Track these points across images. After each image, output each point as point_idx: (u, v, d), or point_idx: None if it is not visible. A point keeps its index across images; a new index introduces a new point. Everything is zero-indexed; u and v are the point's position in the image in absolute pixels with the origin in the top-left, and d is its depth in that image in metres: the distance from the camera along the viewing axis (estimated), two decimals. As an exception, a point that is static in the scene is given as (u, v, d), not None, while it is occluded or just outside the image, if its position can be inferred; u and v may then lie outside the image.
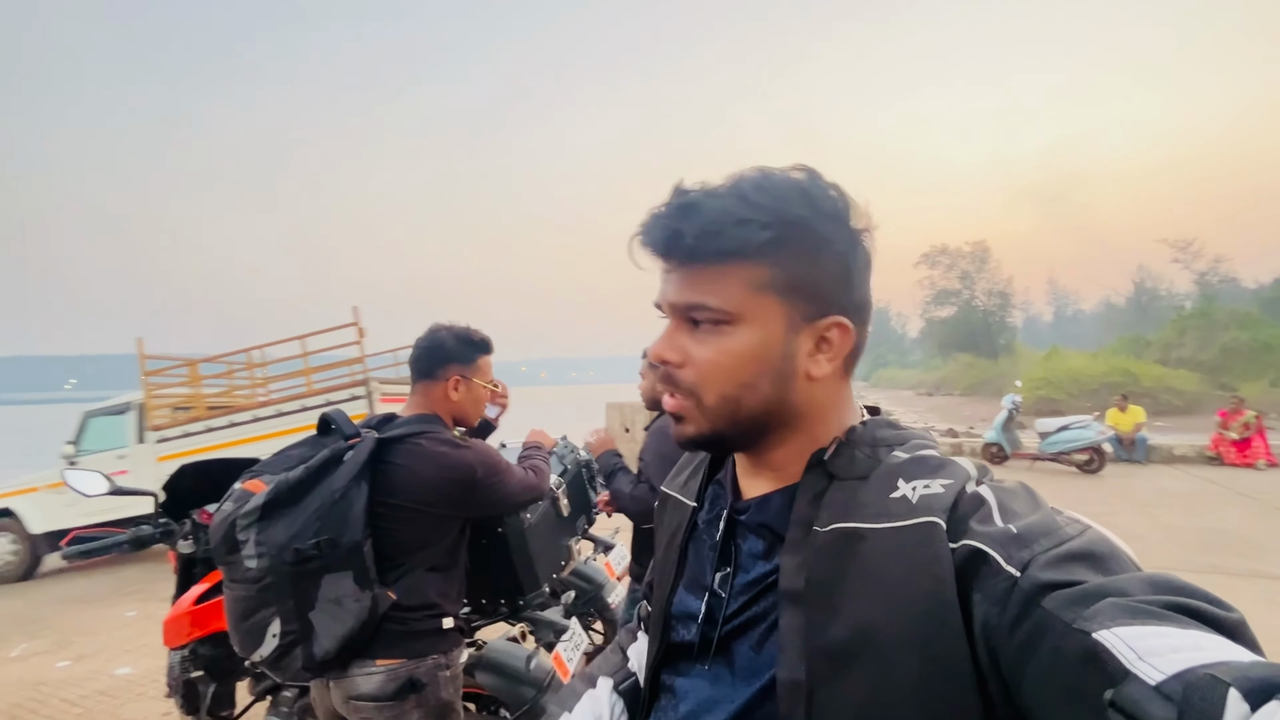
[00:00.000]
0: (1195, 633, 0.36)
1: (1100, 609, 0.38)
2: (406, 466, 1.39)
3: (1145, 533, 5.72)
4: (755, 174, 0.56)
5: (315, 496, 1.32)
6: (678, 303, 0.56)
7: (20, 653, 4.11)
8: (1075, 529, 0.46)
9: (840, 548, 0.51)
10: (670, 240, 0.55)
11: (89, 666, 3.81)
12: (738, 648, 0.57)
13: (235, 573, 1.32)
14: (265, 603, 1.31)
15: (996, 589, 0.43)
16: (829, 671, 0.48)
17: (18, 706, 3.31)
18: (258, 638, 1.32)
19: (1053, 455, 9.09)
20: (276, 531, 1.29)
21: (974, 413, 26.73)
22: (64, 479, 2.10)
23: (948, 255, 45.90)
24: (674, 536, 0.70)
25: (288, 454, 1.44)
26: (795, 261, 0.54)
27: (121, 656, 3.90)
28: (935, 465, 0.53)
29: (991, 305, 44.71)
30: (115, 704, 3.27)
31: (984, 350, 42.90)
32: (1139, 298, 46.37)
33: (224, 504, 1.35)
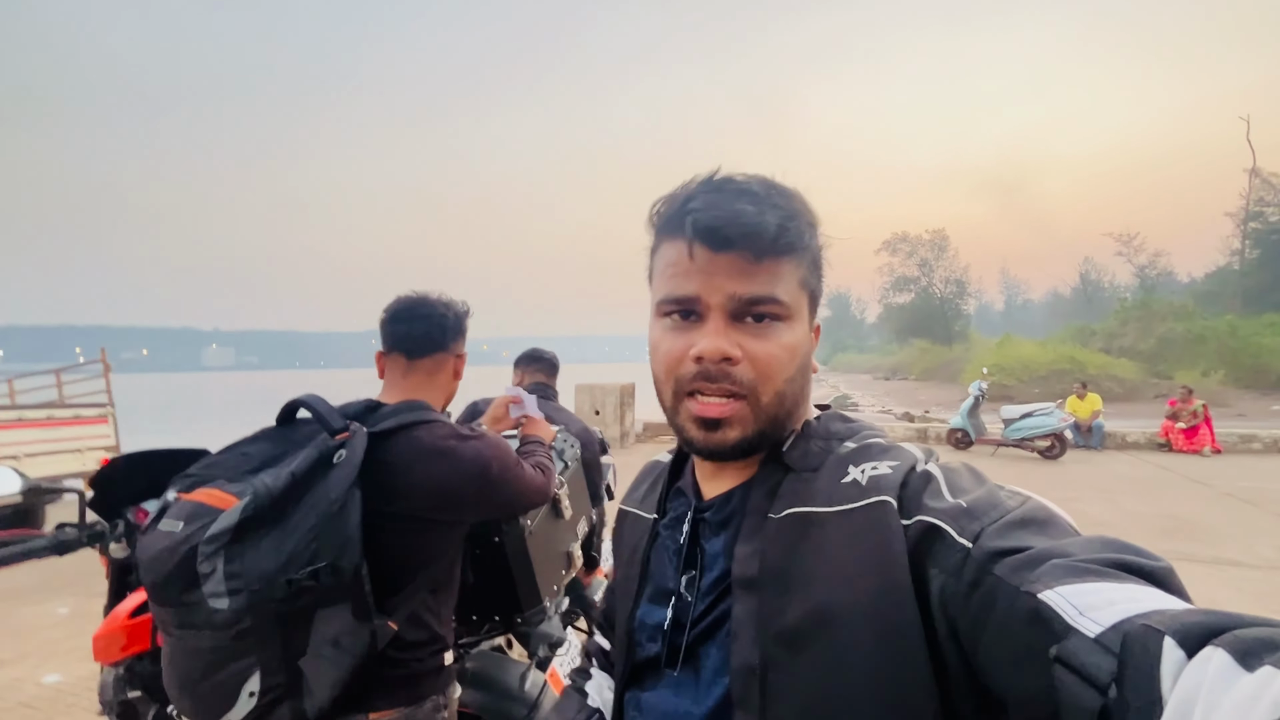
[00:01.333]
0: (1131, 586, 0.37)
1: (1044, 570, 0.40)
2: (406, 465, 1.12)
3: (1110, 519, 5.87)
4: (773, 180, 0.58)
5: (306, 510, 1.01)
6: (745, 295, 0.54)
7: (-70, 658, 3.70)
8: (1017, 500, 0.48)
9: (794, 533, 0.52)
10: (766, 230, 0.53)
11: (12, 673, 3.44)
12: (705, 652, 0.57)
13: (193, 616, 0.97)
14: (240, 653, 0.98)
15: (951, 560, 0.45)
16: (784, 655, 0.49)
17: (-75, 723, 2.95)
18: (228, 699, 0.99)
19: (1016, 441, 9.31)
20: (259, 559, 0.97)
21: (930, 397, 27.58)
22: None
23: (908, 243, 46.98)
24: (635, 551, 0.69)
25: (242, 452, 1.12)
26: (815, 264, 0.59)
27: (50, 661, 3.54)
28: (882, 449, 0.56)
29: (948, 293, 46.00)
30: (42, 717, 2.94)
31: (939, 336, 44.25)
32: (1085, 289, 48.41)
33: (159, 523, 1.01)
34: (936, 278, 46.75)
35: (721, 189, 0.55)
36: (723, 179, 0.57)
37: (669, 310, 0.57)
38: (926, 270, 46.93)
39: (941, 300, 46.16)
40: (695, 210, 0.54)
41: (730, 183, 0.56)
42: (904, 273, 47.91)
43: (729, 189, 0.55)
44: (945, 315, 45.48)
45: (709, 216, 0.54)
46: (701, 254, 0.54)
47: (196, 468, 1.10)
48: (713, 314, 0.55)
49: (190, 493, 1.03)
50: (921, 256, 46.90)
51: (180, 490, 1.05)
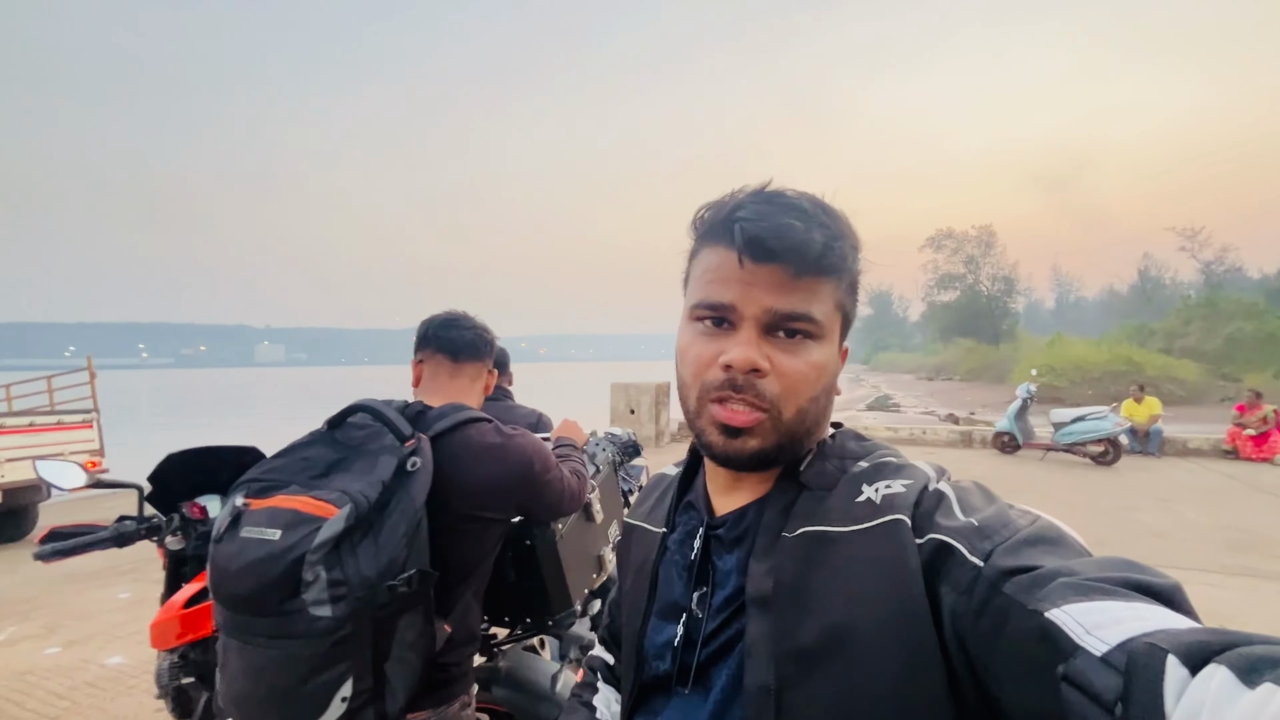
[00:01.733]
0: (1137, 604, 0.37)
1: (1052, 589, 0.40)
2: (461, 465, 1.16)
3: (1168, 529, 5.57)
4: (817, 198, 0.58)
5: (397, 518, 1.02)
6: (782, 309, 0.55)
7: (8, 636, 3.95)
8: (1028, 519, 0.48)
9: (808, 552, 0.52)
10: (812, 248, 0.53)
11: (79, 654, 3.65)
12: (718, 672, 0.56)
13: (293, 625, 0.96)
14: (335, 660, 0.98)
15: (962, 579, 0.45)
16: (798, 674, 0.49)
17: (1, 698, 3.15)
18: (319, 707, 0.99)
19: (1066, 446, 8.94)
20: (360, 567, 0.97)
21: (976, 398, 26.70)
22: (37, 470, 1.89)
23: (953, 239, 45.53)
24: (643, 566, 0.68)
25: (302, 456, 1.12)
26: (853, 287, 0.60)
27: (113, 644, 3.74)
28: (896, 468, 0.56)
29: (995, 290, 44.44)
30: (104, 697, 3.10)
31: (986, 335, 42.79)
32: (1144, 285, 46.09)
33: (240, 530, 0.99)
34: (983, 275, 45.20)
35: (771, 201, 0.55)
36: (774, 191, 0.57)
37: (702, 315, 0.57)
38: (972, 267, 45.42)
39: (988, 298, 44.61)
40: (743, 219, 0.54)
41: (781, 196, 0.56)
42: (949, 270, 46.49)
43: (779, 202, 0.55)
44: (992, 313, 43.95)
45: (756, 227, 0.54)
46: (745, 263, 0.54)
47: (261, 472, 1.08)
48: (746, 324, 0.55)
49: (266, 498, 1.02)
50: (967, 253, 45.40)
51: (251, 496, 1.03)
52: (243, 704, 1.02)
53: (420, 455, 1.09)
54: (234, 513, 1.01)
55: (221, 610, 1.02)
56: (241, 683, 1.01)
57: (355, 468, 1.07)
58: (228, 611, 1.01)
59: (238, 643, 1.00)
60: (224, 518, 1.02)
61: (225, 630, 1.03)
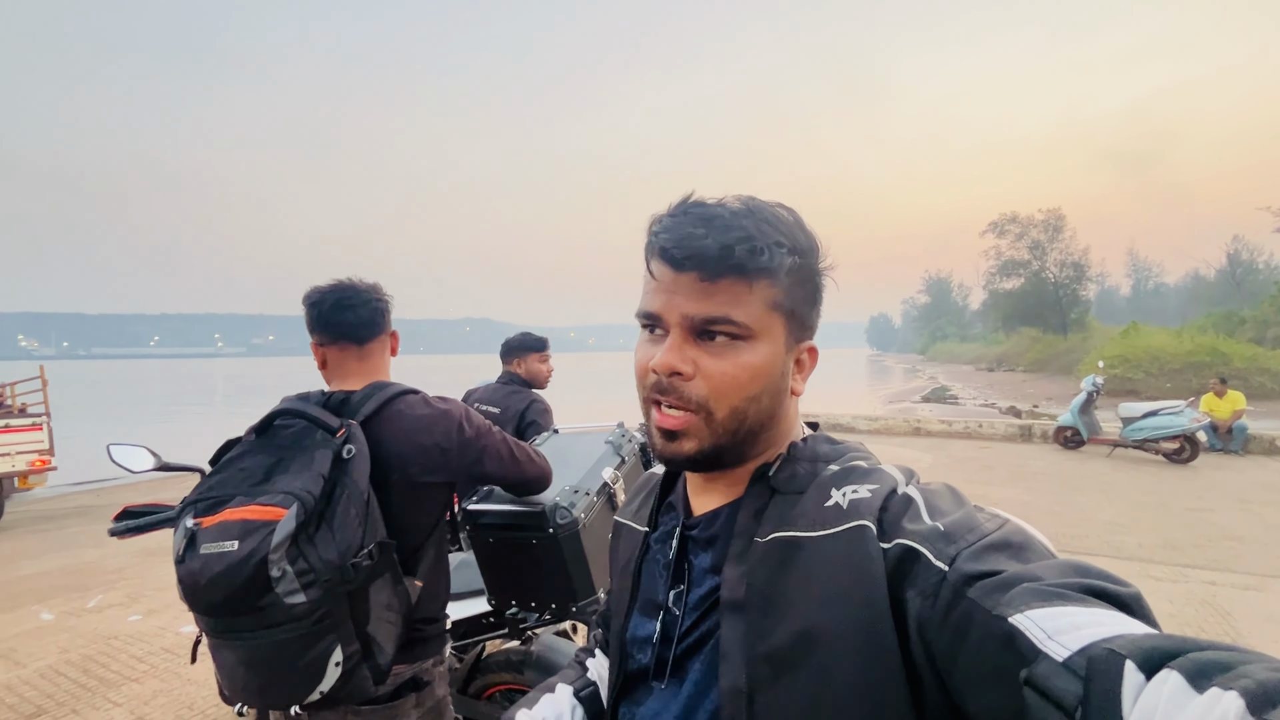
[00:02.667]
0: (1097, 610, 0.38)
1: (1015, 594, 0.40)
2: (395, 439, 1.26)
3: (1248, 532, 5.19)
4: (759, 201, 0.59)
5: (345, 504, 1.13)
6: (698, 315, 0.56)
7: (97, 604, 4.31)
8: (995, 524, 0.49)
9: (779, 556, 0.53)
10: (710, 252, 0.55)
11: (157, 622, 3.96)
12: (692, 665, 0.58)
13: (273, 616, 1.07)
14: (322, 634, 1.10)
15: (928, 583, 0.45)
16: (770, 677, 0.50)
17: (90, 659, 3.45)
18: (317, 674, 1.12)
19: (1136, 443, 8.43)
20: (321, 553, 1.08)
21: (1040, 390, 25.43)
22: (109, 454, 2.05)
23: (1018, 223, 43.25)
24: (628, 563, 0.70)
25: (240, 467, 1.18)
26: (797, 287, 0.59)
27: (187, 614, 4.01)
28: (863, 473, 0.56)
29: (1064, 277, 42.04)
30: (178, 663, 3.36)
31: (1053, 325, 40.63)
32: (1233, 270, 42.73)
33: (200, 548, 1.05)
34: (1050, 261, 42.78)
35: (687, 212, 0.57)
36: (693, 202, 0.59)
37: (643, 324, 0.60)
38: (1039, 253, 43.03)
39: (1056, 285, 42.25)
40: (656, 233, 0.58)
41: (697, 206, 0.58)
42: (1013, 256, 44.22)
43: (693, 212, 0.57)
44: (1060, 302, 41.61)
45: (664, 239, 0.56)
46: (663, 274, 0.57)
47: (204, 491, 1.14)
48: (673, 330, 0.57)
49: (214, 515, 1.09)
50: (1033, 238, 43.02)
51: (200, 515, 1.10)
52: (249, 690, 1.12)
53: (354, 441, 1.18)
54: (188, 534, 1.08)
55: (203, 618, 1.10)
56: (242, 673, 1.11)
57: (293, 467, 1.15)
58: (208, 619, 1.09)
59: (230, 641, 1.09)
60: (180, 540, 1.09)
61: (211, 633, 1.11)
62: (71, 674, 3.29)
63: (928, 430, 11.12)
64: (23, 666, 3.41)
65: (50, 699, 3.05)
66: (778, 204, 0.61)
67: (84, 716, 2.88)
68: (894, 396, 28.15)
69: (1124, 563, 4.57)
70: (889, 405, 23.34)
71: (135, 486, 8.48)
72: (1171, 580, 4.26)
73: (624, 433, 2.09)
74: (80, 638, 3.75)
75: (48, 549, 5.91)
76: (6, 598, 4.54)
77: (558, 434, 2.07)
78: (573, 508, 1.62)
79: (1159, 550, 4.85)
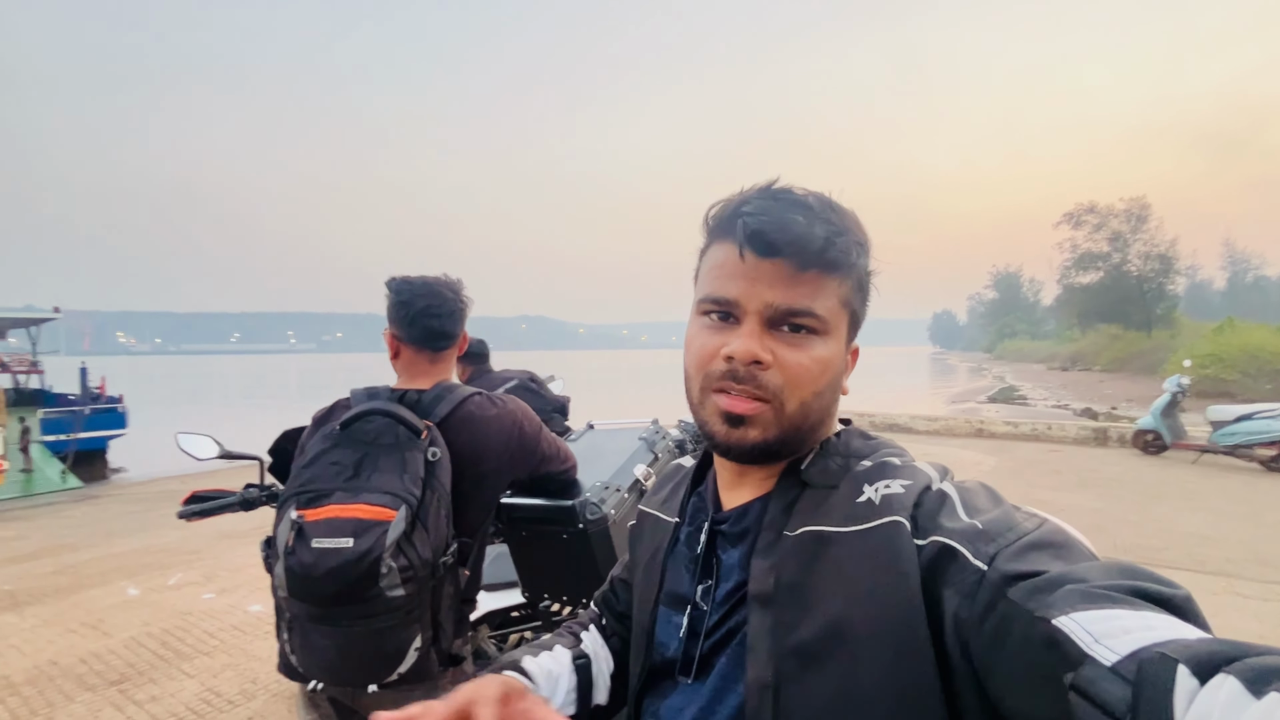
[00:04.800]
0: (1147, 614, 0.37)
1: (1059, 596, 0.39)
2: (467, 442, 1.34)
3: (1357, 550, 4.71)
4: (825, 196, 0.58)
5: (435, 505, 1.22)
6: (782, 305, 0.55)
7: (176, 582, 4.64)
8: (1034, 522, 0.47)
9: (809, 551, 0.53)
10: (813, 243, 0.54)
11: (228, 600, 4.22)
12: (719, 662, 0.57)
13: (374, 607, 1.17)
14: (409, 622, 1.21)
15: (965, 582, 0.44)
16: (797, 670, 0.50)
17: (168, 633, 3.72)
18: (399, 658, 1.22)
19: (1228, 448, 7.78)
20: (419, 552, 1.18)
21: (1119, 390, 23.87)
22: (177, 442, 2.19)
23: (1096, 214, 40.59)
24: (655, 554, 0.69)
25: (330, 461, 1.24)
26: (861, 286, 0.60)
27: (255, 594, 4.28)
28: (896, 469, 0.55)
29: (1148, 270, 39.21)
30: (245, 640, 3.58)
31: (1135, 321, 38.06)
32: (1346, 261, 38.76)
33: (312, 542, 1.13)
34: (1133, 253, 39.96)
35: (777, 198, 0.57)
36: (780, 189, 0.58)
37: (708, 309, 0.59)
38: (1120, 245, 40.26)
39: (1139, 279, 39.45)
40: (746, 215, 0.56)
41: (786, 193, 0.57)
42: (1090, 248, 41.55)
43: (784, 199, 0.56)
44: (1143, 296, 38.86)
45: (759, 221, 0.55)
46: (749, 258, 0.55)
47: (301, 483, 1.22)
48: (749, 318, 0.56)
49: (318, 508, 1.17)
50: (1113, 229, 40.29)
51: (302, 507, 1.18)
52: (332, 670, 1.21)
53: (437, 445, 1.27)
54: (294, 525, 1.16)
55: (302, 605, 1.18)
56: (331, 655, 1.20)
57: (383, 464, 1.22)
58: (311, 607, 1.17)
59: (327, 628, 1.18)
60: (285, 531, 1.17)
61: (308, 619, 1.19)
62: (151, 645, 3.55)
63: (991, 432, 10.61)
64: (110, 636, 3.70)
65: (132, 667, 3.30)
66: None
67: (161, 685, 3.10)
68: (957, 396, 27.00)
69: (1208, 577, 4.23)
70: (951, 405, 22.41)
71: (214, 475, 9.06)
72: (1261, 598, 3.92)
73: (658, 430, 2.09)
74: (160, 612, 4.04)
75: (137, 529, 6.40)
76: (99, 573, 4.94)
77: (593, 429, 2.08)
78: (602, 504, 1.63)
79: (1248, 565, 4.47)
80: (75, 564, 5.31)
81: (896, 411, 12.29)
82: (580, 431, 2.08)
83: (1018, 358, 59.80)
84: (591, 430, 2.08)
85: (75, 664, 3.36)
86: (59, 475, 12.70)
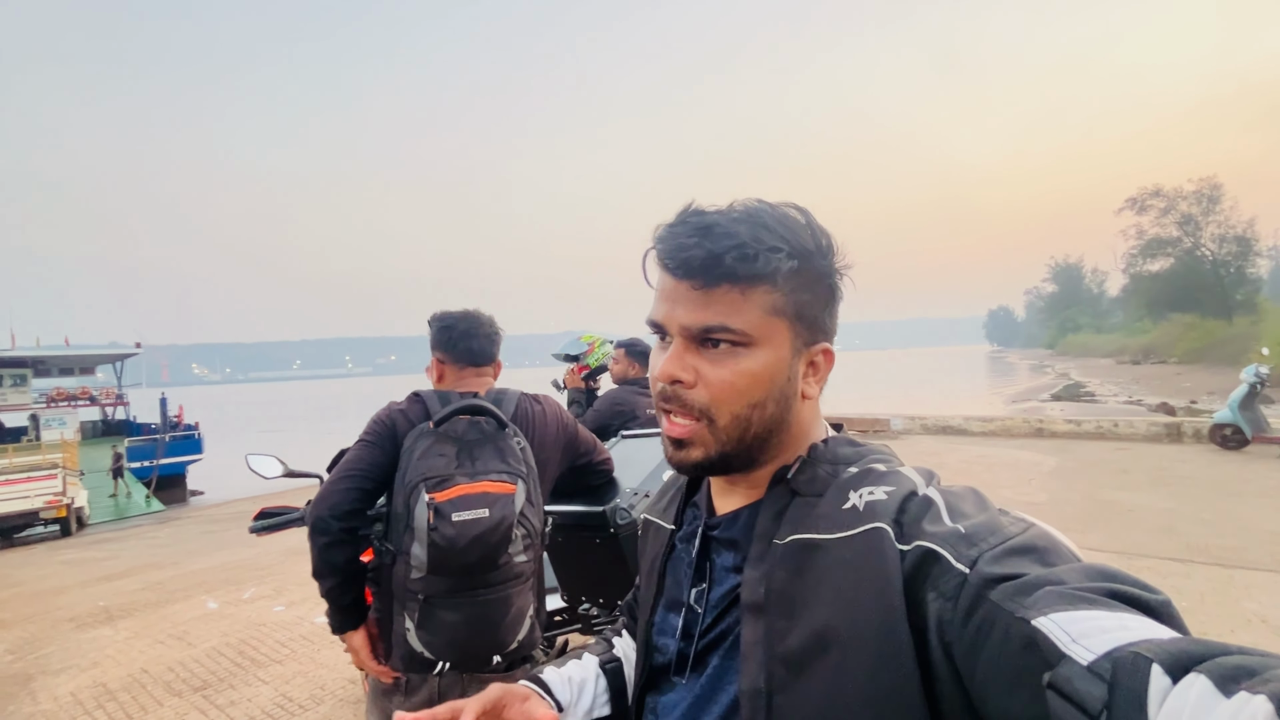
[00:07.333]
0: (1123, 615, 0.38)
1: (1039, 597, 0.40)
2: (528, 431, 1.52)
3: None
4: (763, 205, 0.59)
5: (534, 482, 1.42)
6: (695, 324, 0.56)
7: (250, 596, 4.95)
8: (1019, 527, 0.48)
9: (797, 559, 0.54)
10: (703, 261, 0.55)
11: (297, 613, 4.47)
12: (712, 661, 0.59)
13: (506, 573, 1.36)
14: (526, 590, 1.39)
15: (948, 585, 0.45)
16: (788, 678, 0.51)
17: (244, 642, 3.98)
18: (516, 628, 1.39)
19: (1316, 440, 7.24)
20: (533, 520, 1.38)
21: (1197, 383, 22.40)
22: (246, 462, 2.38)
23: (1163, 197, 38.41)
24: (654, 560, 0.72)
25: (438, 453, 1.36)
26: (802, 290, 0.58)
27: (321, 607, 4.49)
28: (880, 475, 0.56)
29: (1224, 254, 36.77)
30: (313, 649, 3.79)
31: (1212, 309, 35.69)
32: None
33: (452, 516, 1.28)
34: (1206, 236, 37.55)
35: (684, 222, 0.58)
36: (690, 211, 0.58)
37: (652, 331, 0.62)
38: (1191, 228, 37.91)
39: (1214, 263, 37.01)
40: (655, 244, 0.59)
41: (695, 215, 0.58)
42: (1158, 233, 39.25)
43: (690, 222, 0.57)
44: (1220, 282, 36.40)
45: (659, 250, 0.58)
46: (663, 283, 0.58)
47: (423, 472, 1.33)
48: (674, 339, 0.58)
49: (447, 489, 1.31)
50: (1183, 212, 37.98)
51: (432, 490, 1.31)
52: (460, 644, 1.36)
53: (519, 436, 1.47)
54: (430, 505, 1.30)
55: (443, 580, 1.33)
56: (461, 630, 1.35)
57: (481, 453, 1.39)
58: (453, 580, 1.34)
59: (463, 600, 1.35)
60: (423, 512, 1.31)
61: (444, 593, 1.35)
62: (230, 654, 3.81)
63: (1052, 431, 10.14)
64: (193, 646, 3.99)
65: (213, 675, 3.54)
66: (789, 205, 0.60)
67: (239, 691, 3.33)
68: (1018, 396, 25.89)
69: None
70: (1011, 406, 21.50)
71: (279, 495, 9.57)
72: (1354, 600, 3.65)
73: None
74: (237, 624, 4.32)
75: (214, 548, 6.84)
76: (182, 589, 5.31)
77: (623, 439, 2.16)
78: (632, 509, 1.70)
79: (1341, 566, 4.15)
80: (161, 581, 5.72)
81: (949, 413, 11.90)
82: (612, 441, 2.16)
83: (1083, 353, 56.83)
84: (622, 440, 2.16)
85: (163, 672, 3.64)
86: (144, 499, 13.57)
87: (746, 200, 0.59)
